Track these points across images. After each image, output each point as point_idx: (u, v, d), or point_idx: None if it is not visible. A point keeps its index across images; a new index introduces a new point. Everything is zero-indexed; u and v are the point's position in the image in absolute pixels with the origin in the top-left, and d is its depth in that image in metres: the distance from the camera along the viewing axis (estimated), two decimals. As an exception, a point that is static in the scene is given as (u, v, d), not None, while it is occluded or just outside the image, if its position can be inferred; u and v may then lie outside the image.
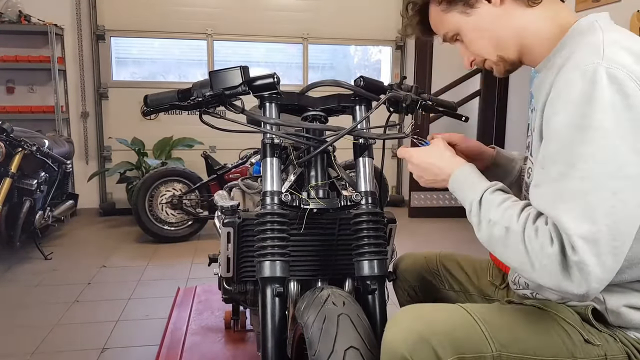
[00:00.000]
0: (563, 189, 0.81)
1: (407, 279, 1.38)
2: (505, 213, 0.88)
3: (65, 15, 4.59)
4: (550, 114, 0.86)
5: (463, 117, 1.40)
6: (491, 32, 1.00)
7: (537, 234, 0.82)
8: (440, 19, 1.05)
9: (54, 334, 2.37)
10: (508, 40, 1.00)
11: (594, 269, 0.78)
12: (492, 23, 0.99)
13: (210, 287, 2.80)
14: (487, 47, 1.02)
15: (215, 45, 4.92)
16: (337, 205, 1.24)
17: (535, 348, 0.89)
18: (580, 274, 0.78)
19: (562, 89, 0.84)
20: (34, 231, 3.48)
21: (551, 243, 0.80)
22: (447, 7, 1.01)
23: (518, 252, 0.84)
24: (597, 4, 3.34)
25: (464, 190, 0.99)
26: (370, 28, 5.14)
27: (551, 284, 0.81)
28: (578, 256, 0.78)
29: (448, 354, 0.86)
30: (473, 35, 1.02)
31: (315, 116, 1.30)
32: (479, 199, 0.94)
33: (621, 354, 0.91)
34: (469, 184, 0.99)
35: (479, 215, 0.93)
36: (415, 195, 4.89)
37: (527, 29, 0.98)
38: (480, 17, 0.99)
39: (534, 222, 0.84)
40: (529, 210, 0.87)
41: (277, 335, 1.13)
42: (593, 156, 0.79)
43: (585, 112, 0.80)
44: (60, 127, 4.43)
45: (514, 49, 1.01)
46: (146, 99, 1.22)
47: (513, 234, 0.85)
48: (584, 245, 0.78)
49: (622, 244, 0.80)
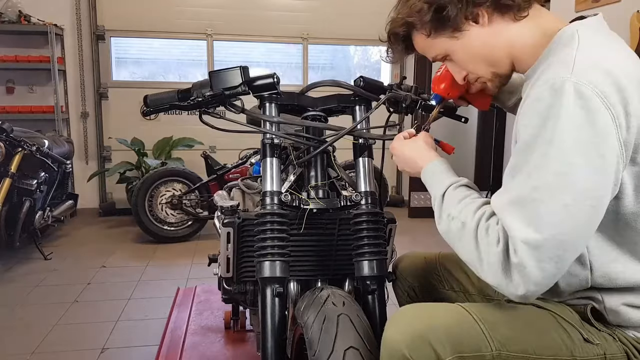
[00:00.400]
0: (518, 195, 0.85)
1: (407, 279, 1.38)
2: (463, 209, 0.93)
3: (65, 15, 4.59)
4: (521, 125, 0.88)
5: (463, 117, 1.40)
6: (483, 52, 1.00)
7: (488, 231, 0.87)
8: (428, 45, 1.05)
9: (54, 334, 2.37)
10: (500, 56, 1.00)
11: (533, 272, 0.81)
12: (483, 43, 0.99)
13: (210, 287, 2.80)
14: (480, 66, 1.03)
15: (215, 45, 4.93)
16: (337, 205, 1.24)
17: (535, 347, 0.89)
18: (520, 275, 0.82)
19: (531, 102, 0.86)
20: (34, 231, 3.48)
21: (497, 242, 0.85)
22: (435, 34, 1.01)
23: (470, 248, 0.89)
24: (597, 4, 3.34)
25: (432, 184, 1.04)
26: (370, 28, 5.11)
27: (494, 282, 0.86)
28: (518, 258, 0.82)
29: (447, 352, 0.86)
30: (465, 56, 1.02)
31: (315, 116, 1.30)
32: (442, 193, 0.99)
33: (620, 353, 0.91)
34: (436, 178, 1.04)
35: (441, 209, 0.98)
36: (415, 195, 4.90)
37: (516, 42, 0.98)
38: (470, 39, 0.99)
39: (487, 220, 0.89)
40: (484, 208, 0.91)
41: (277, 335, 1.13)
42: (550, 168, 0.82)
43: (549, 125, 0.82)
44: (60, 127, 4.43)
45: (507, 64, 1.01)
46: (146, 99, 1.22)
47: (467, 230, 0.90)
48: (526, 250, 0.81)
49: (565, 253, 0.82)
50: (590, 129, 0.80)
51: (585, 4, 3.47)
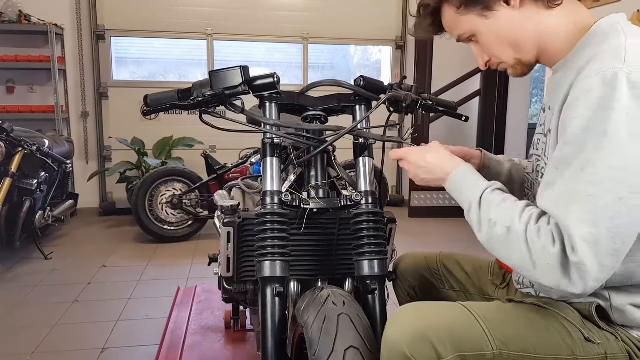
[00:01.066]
0: (571, 191, 0.83)
1: (407, 278, 1.38)
2: (506, 212, 0.89)
3: (65, 15, 4.59)
4: (569, 117, 0.85)
5: (463, 116, 1.40)
6: (510, 35, 0.98)
7: (540, 234, 0.83)
8: (456, 21, 1.02)
9: (54, 334, 2.37)
10: (527, 42, 0.98)
11: (592, 269, 0.79)
12: (511, 26, 0.97)
13: (210, 287, 2.80)
14: (505, 50, 1.00)
15: (215, 45, 4.92)
16: (337, 205, 1.24)
17: (536, 346, 0.89)
18: (579, 274, 0.80)
19: (581, 92, 0.84)
20: (34, 231, 3.48)
21: (553, 243, 0.82)
22: (465, 9, 0.99)
23: (519, 252, 0.85)
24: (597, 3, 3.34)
25: (462, 190, 0.99)
26: (370, 28, 5.14)
27: (551, 282, 0.83)
28: (577, 257, 0.79)
29: (449, 351, 0.86)
30: (491, 38, 1.00)
31: (315, 116, 1.30)
32: (478, 198, 0.94)
33: (622, 353, 0.91)
34: (468, 183, 0.99)
35: (479, 215, 0.93)
36: (415, 195, 4.90)
37: (546, 30, 0.96)
38: (499, 20, 0.97)
39: (537, 222, 0.85)
40: (530, 210, 0.88)
41: (277, 335, 1.13)
42: (604, 161, 0.80)
43: (602, 117, 0.80)
44: (60, 127, 4.43)
45: (532, 51, 0.99)
46: (146, 99, 1.22)
47: (515, 234, 0.86)
48: (584, 247, 0.79)
49: (622, 245, 0.81)
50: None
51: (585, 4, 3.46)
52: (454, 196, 1.02)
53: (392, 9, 5.17)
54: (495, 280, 1.27)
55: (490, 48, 1.02)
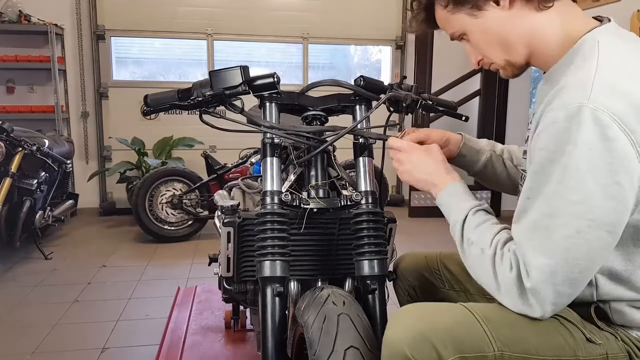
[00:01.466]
0: (531, 221, 0.87)
1: (408, 278, 1.38)
2: (482, 235, 0.95)
3: (65, 15, 4.59)
4: (536, 148, 0.87)
5: (463, 116, 1.40)
6: (499, 36, 0.98)
7: (502, 259, 0.90)
8: (447, 19, 1.03)
9: (54, 334, 2.37)
10: (516, 44, 0.97)
11: (548, 295, 0.84)
12: (500, 26, 0.97)
13: (210, 287, 2.80)
14: (494, 50, 1.00)
15: (215, 45, 4.92)
16: (337, 205, 1.24)
17: (538, 347, 0.89)
18: (535, 299, 0.85)
19: (547, 124, 0.85)
20: (34, 231, 3.48)
21: (510, 269, 0.88)
22: (453, 8, 0.99)
23: (488, 273, 0.92)
24: (597, 3, 3.34)
25: (450, 207, 1.05)
26: (370, 28, 5.14)
27: (512, 306, 0.89)
28: (531, 283, 0.85)
29: (450, 352, 0.86)
30: (480, 37, 1.00)
31: (315, 116, 1.30)
32: (462, 219, 1.00)
33: (622, 353, 0.91)
34: (455, 201, 1.04)
35: (462, 234, 1.00)
36: (415, 195, 4.90)
37: (536, 33, 0.95)
38: (488, 20, 0.97)
39: (502, 247, 0.91)
40: (500, 235, 0.93)
41: (277, 335, 1.13)
42: (564, 195, 0.82)
43: (565, 150, 0.81)
44: (60, 127, 4.43)
45: (522, 53, 0.99)
46: (146, 99, 1.22)
47: (485, 256, 0.93)
48: (539, 275, 0.84)
49: (580, 274, 0.85)
50: (606, 156, 0.79)
51: (585, 4, 3.47)
52: (441, 209, 1.07)
53: (392, 9, 5.17)
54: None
55: (481, 47, 1.02)
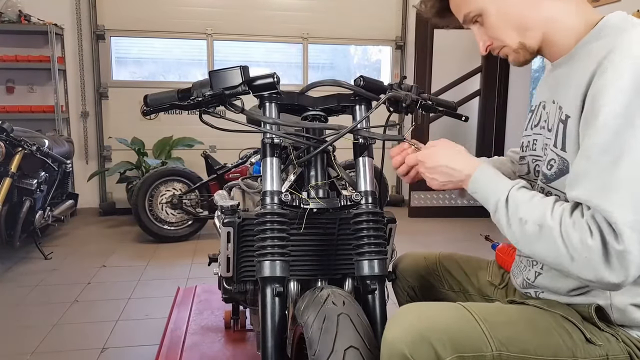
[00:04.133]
0: (610, 178, 0.81)
1: (407, 279, 1.38)
2: (536, 210, 0.88)
3: (65, 15, 4.59)
4: (598, 105, 0.83)
5: (463, 116, 1.40)
6: (517, 17, 0.97)
7: (575, 227, 0.82)
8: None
9: (54, 334, 2.37)
10: (533, 27, 0.97)
11: (636, 256, 0.78)
12: (520, 7, 0.96)
13: (210, 287, 2.80)
14: (510, 32, 0.98)
15: (215, 45, 4.93)
16: (337, 205, 1.24)
17: (536, 347, 0.89)
18: (620, 262, 0.79)
19: (611, 80, 0.83)
20: (34, 231, 3.48)
21: (591, 235, 0.81)
22: None
23: (554, 248, 0.84)
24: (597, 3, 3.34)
25: (487, 191, 0.97)
26: (370, 28, 5.14)
27: (590, 275, 0.82)
28: (623, 245, 0.78)
29: (448, 352, 0.86)
30: (498, 18, 0.98)
31: (315, 116, 1.30)
32: (505, 198, 0.93)
33: (623, 354, 0.91)
34: (491, 184, 0.97)
35: (507, 215, 0.92)
36: (415, 195, 4.90)
37: (555, 19, 0.96)
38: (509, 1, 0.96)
39: (570, 215, 0.84)
40: (562, 205, 0.87)
41: (277, 335, 1.13)
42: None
43: (636, 103, 0.80)
44: (60, 127, 4.43)
45: (538, 37, 0.98)
46: (146, 99, 1.22)
47: (548, 230, 0.85)
48: (631, 235, 0.78)
49: None
50: None
51: (585, 4, 3.46)
52: (477, 198, 0.99)
53: (391, 9, 5.17)
54: (493, 280, 1.27)
55: (495, 29, 1.00)
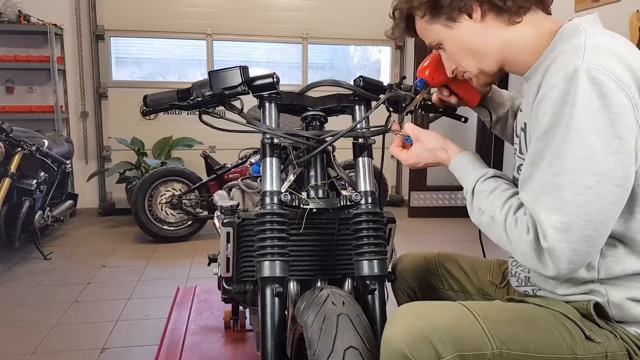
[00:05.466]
0: (541, 183, 0.89)
1: (406, 279, 1.38)
2: (492, 203, 0.99)
3: (64, 15, 4.59)
4: (539, 114, 0.90)
5: (462, 117, 1.40)
6: (472, 46, 1.03)
7: (517, 223, 0.92)
8: (425, 29, 1.08)
9: (54, 334, 2.37)
10: (489, 55, 1.03)
11: (564, 253, 0.85)
12: (473, 38, 1.02)
13: (209, 287, 2.80)
14: (467, 60, 1.06)
15: (215, 45, 4.92)
16: (337, 205, 1.24)
17: (536, 345, 0.89)
18: (551, 258, 0.87)
19: (547, 89, 0.88)
20: (34, 231, 3.48)
21: (527, 232, 0.89)
22: (430, 19, 1.05)
23: (502, 238, 0.95)
24: (597, 3, 3.34)
25: (461, 178, 1.08)
26: (369, 28, 5.13)
27: (531, 266, 0.92)
28: (548, 243, 0.86)
29: (448, 351, 0.86)
30: (454, 47, 1.05)
31: (314, 116, 1.30)
32: (472, 189, 1.04)
33: (621, 351, 0.91)
34: (466, 171, 1.07)
35: (472, 204, 1.04)
36: (415, 195, 4.90)
37: (509, 44, 1.01)
38: (462, 31, 1.02)
39: (515, 213, 0.94)
40: (511, 201, 0.96)
41: (276, 335, 1.13)
42: (569, 154, 0.85)
43: (565, 111, 0.85)
44: (59, 127, 4.43)
45: (495, 63, 1.04)
46: (145, 99, 1.22)
47: (497, 223, 0.96)
48: (554, 234, 0.85)
49: (595, 231, 0.85)
50: (605, 112, 0.83)
51: (584, 4, 3.47)
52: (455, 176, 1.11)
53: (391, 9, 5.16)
54: (494, 280, 1.27)
55: (455, 57, 1.08)
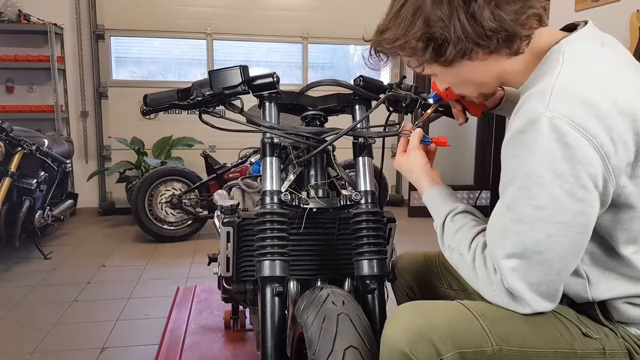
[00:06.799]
0: (501, 226, 0.88)
1: (406, 278, 1.38)
2: (460, 242, 0.98)
3: (64, 15, 4.59)
4: (504, 155, 0.89)
5: (462, 117, 1.39)
6: (471, 79, 1.00)
7: (485, 263, 0.91)
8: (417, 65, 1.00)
9: (54, 333, 2.37)
10: (488, 82, 1.01)
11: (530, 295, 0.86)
12: (473, 73, 0.97)
13: (209, 287, 2.81)
14: (467, 89, 1.06)
15: (215, 44, 4.92)
16: (337, 204, 1.24)
17: (535, 341, 0.89)
18: (520, 298, 0.87)
19: (512, 132, 0.87)
20: (34, 231, 3.48)
21: (495, 272, 0.89)
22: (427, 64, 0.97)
23: (471, 276, 0.95)
24: (597, 3, 3.34)
25: (432, 212, 1.08)
26: (370, 28, 5.12)
27: (502, 304, 0.90)
28: (508, 284, 0.87)
29: (449, 349, 0.86)
30: (453, 80, 1.04)
31: (314, 116, 1.30)
32: (441, 224, 1.04)
33: (621, 350, 0.92)
34: (434, 206, 1.07)
35: (442, 239, 1.03)
36: (415, 195, 4.89)
37: (507, 71, 0.97)
38: (460, 69, 0.96)
39: (482, 251, 0.93)
40: (477, 240, 0.95)
41: (276, 334, 1.13)
42: (529, 202, 0.84)
43: (526, 158, 0.83)
44: (59, 127, 4.43)
45: (494, 86, 1.05)
46: (146, 99, 1.22)
47: (465, 261, 0.96)
48: (515, 277, 0.86)
49: (557, 276, 0.86)
50: (568, 162, 0.80)
51: (584, 4, 3.47)
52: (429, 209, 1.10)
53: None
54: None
55: (451, 86, 1.07)
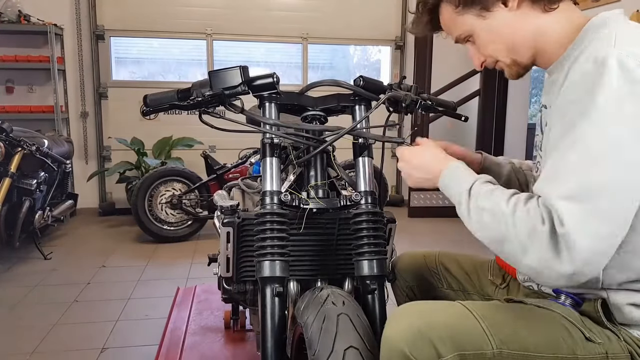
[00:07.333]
0: (564, 171, 0.83)
1: (406, 278, 1.38)
2: (494, 199, 0.89)
3: (64, 15, 4.59)
4: (567, 102, 0.86)
5: (462, 116, 1.40)
6: (506, 36, 1.00)
7: (529, 214, 0.83)
8: (454, 21, 1.04)
9: (54, 334, 2.37)
10: (523, 44, 1.00)
11: (582, 242, 0.78)
12: (508, 27, 0.99)
13: (209, 287, 2.80)
14: (501, 50, 1.02)
15: (215, 45, 4.93)
16: (337, 205, 1.24)
17: (536, 344, 0.89)
18: (568, 250, 0.78)
19: (575, 77, 0.86)
20: (34, 231, 3.48)
21: (542, 222, 0.81)
22: (463, 9, 1.00)
23: (508, 236, 0.85)
24: (597, 3, 3.34)
25: (453, 186, 0.99)
26: (370, 28, 5.14)
27: (541, 264, 0.81)
28: (564, 229, 0.78)
29: (449, 350, 0.86)
30: (487, 38, 1.02)
31: (314, 116, 1.30)
32: (468, 189, 0.95)
33: (624, 353, 0.91)
34: (457, 179, 0.99)
35: (468, 205, 0.93)
36: (415, 195, 4.89)
37: (543, 32, 0.98)
38: (496, 20, 0.99)
39: (525, 204, 0.85)
40: (517, 196, 0.88)
41: (276, 335, 1.13)
42: (593, 137, 0.80)
43: (593, 96, 0.81)
44: (59, 127, 4.43)
45: (528, 52, 1.01)
46: (146, 99, 1.22)
47: (502, 217, 0.86)
48: (570, 220, 0.78)
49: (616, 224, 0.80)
50: (636, 99, 0.80)
51: (584, 4, 3.47)
52: (446, 194, 1.01)
53: (391, 9, 5.17)
54: (495, 280, 1.27)
55: (487, 48, 1.03)
